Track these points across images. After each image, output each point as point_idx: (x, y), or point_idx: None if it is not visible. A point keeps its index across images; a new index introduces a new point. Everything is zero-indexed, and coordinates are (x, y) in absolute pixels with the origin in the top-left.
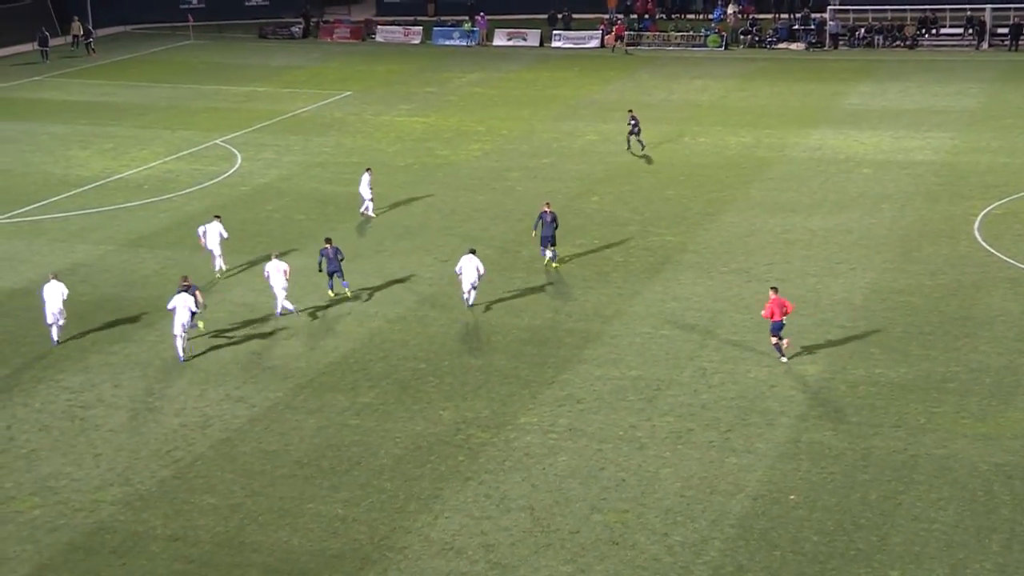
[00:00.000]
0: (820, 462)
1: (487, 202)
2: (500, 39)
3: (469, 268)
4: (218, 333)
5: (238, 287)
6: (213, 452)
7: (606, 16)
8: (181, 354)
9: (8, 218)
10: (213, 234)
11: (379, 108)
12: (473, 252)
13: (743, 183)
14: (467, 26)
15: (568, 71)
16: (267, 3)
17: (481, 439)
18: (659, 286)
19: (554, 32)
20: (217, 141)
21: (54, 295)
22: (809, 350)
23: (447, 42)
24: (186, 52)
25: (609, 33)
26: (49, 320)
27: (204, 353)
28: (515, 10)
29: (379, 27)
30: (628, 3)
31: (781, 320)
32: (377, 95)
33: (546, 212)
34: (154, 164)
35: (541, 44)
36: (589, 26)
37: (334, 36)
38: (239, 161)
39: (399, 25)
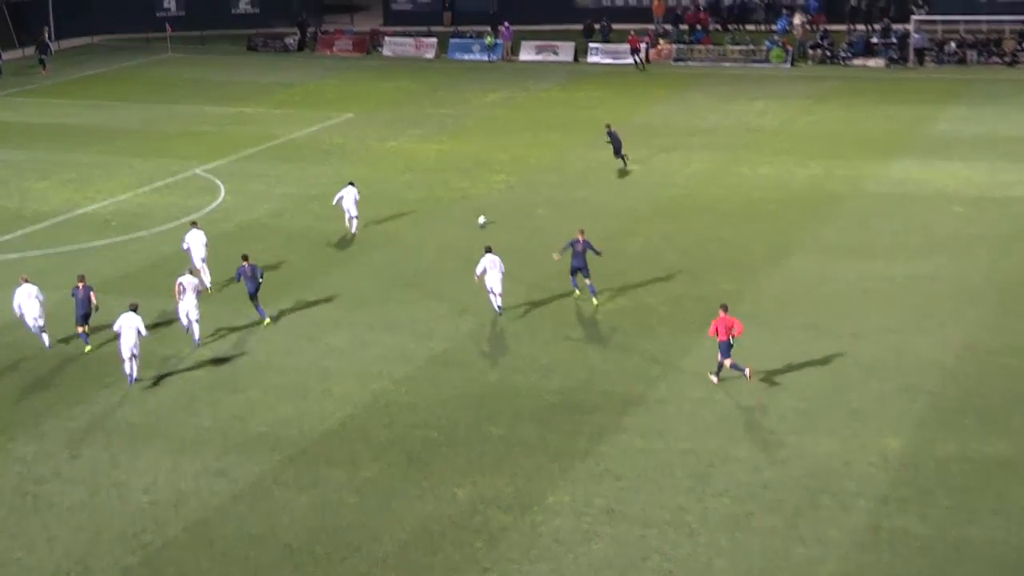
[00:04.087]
0: (904, 553)
1: (511, 243)
2: (527, 53)
3: (493, 270)
4: (193, 396)
5: (218, 339)
6: (187, 535)
7: (651, 27)
8: (132, 376)
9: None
10: (197, 246)
11: (386, 132)
12: (490, 250)
13: (812, 222)
14: (488, 39)
15: (606, 90)
16: (257, 11)
17: (502, 522)
18: (713, 342)
19: (590, 45)
20: (197, 171)
21: (29, 301)
22: (891, 420)
23: (466, 56)
24: (163, 67)
25: (653, 46)
26: (32, 327)
27: (175, 416)
28: (545, 19)
29: (386, 39)
30: (678, 12)
31: (728, 340)
32: (383, 117)
33: (579, 240)
34: (123, 197)
35: (575, 59)
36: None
37: (334, 49)
38: (222, 194)
39: (410, 36)
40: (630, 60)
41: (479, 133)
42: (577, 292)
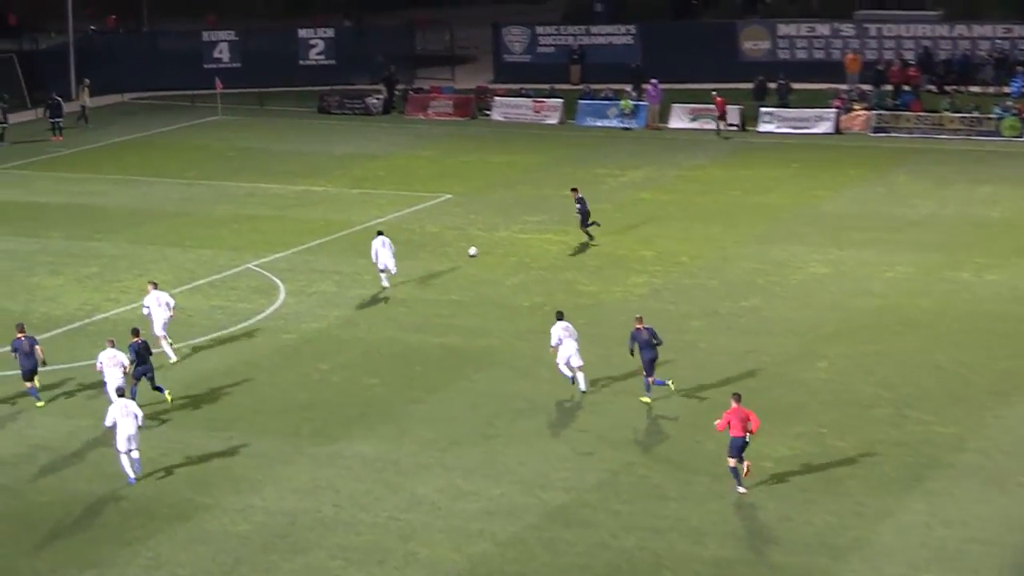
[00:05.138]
0: None
1: (655, 367)
2: (679, 119)
3: (569, 340)
4: (238, 558)
5: (270, 481)
6: None
7: (844, 87)
8: (131, 474)
9: None
10: (159, 311)
11: (494, 219)
12: (562, 316)
13: None
14: (625, 101)
15: (783, 168)
16: (332, 62)
17: None
18: (921, 502)
19: (762, 110)
20: (251, 265)
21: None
22: None
23: (599, 122)
24: (210, 132)
25: (847, 112)
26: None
27: None
28: (703, 76)
29: (497, 99)
30: (879, 67)
31: (743, 437)
32: (491, 200)
33: (640, 330)
34: None
35: (742, 127)
36: (816, 100)
37: (430, 112)
38: (282, 296)
39: (527, 97)
40: (815, 129)
41: (615, 222)
42: (647, 399)
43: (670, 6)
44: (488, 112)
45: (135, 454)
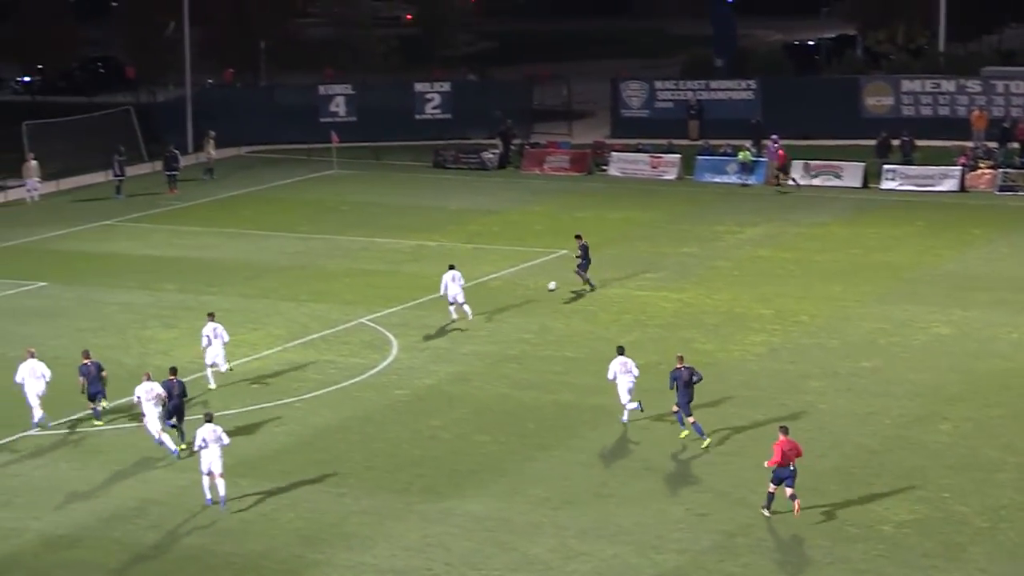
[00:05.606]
0: None
1: (772, 425)
2: (799, 175)
3: (625, 375)
4: None
5: (378, 538)
6: None
7: (969, 145)
8: (208, 495)
9: (52, 429)
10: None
11: (609, 276)
12: (623, 351)
13: None
14: (744, 154)
15: (906, 226)
16: (448, 116)
17: None
18: None
19: (885, 167)
20: (364, 320)
21: (34, 377)
22: None
23: (718, 179)
24: (325, 186)
25: (972, 170)
26: (33, 403)
27: None
28: (824, 132)
29: (614, 154)
30: (1005, 125)
31: (788, 466)
32: (608, 256)
33: (680, 369)
34: (269, 352)
35: (864, 184)
36: (940, 158)
37: (545, 167)
38: (394, 351)
39: (644, 152)
40: (939, 187)
41: (733, 280)
42: (685, 433)
43: (792, 61)
44: (605, 167)
45: (220, 480)
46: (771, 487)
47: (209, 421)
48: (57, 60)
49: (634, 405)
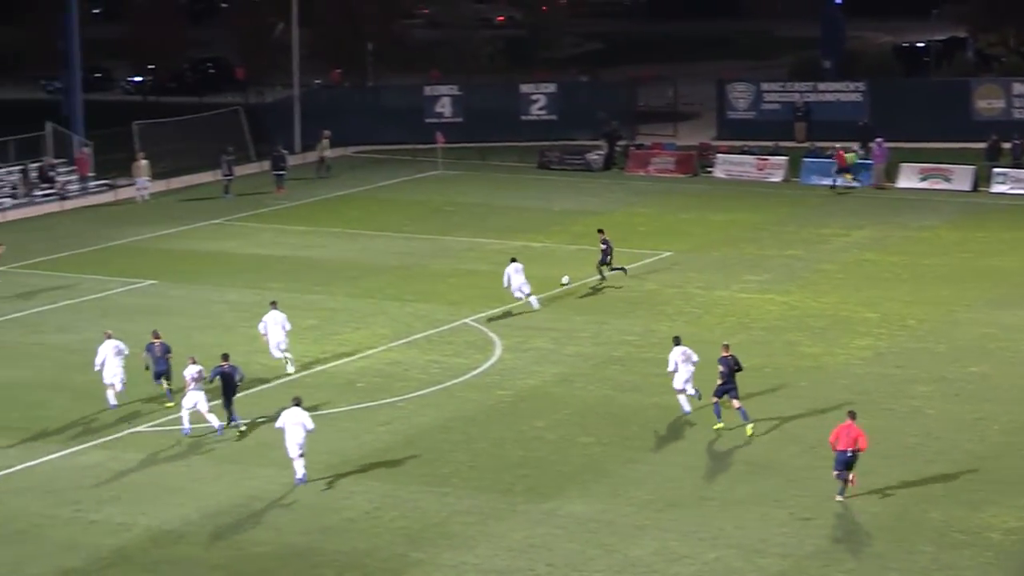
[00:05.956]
0: None
1: (879, 432)
2: (908, 179)
3: (686, 364)
4: None
5: (485, 538)
6: None
7: None
8: (299, 474)
9: (154, 425)
10: (276, 330)
11: (713, 278)
12: (679, 341)
13: None
14: (851, 155)
15: (1017, 231)
16: (554, 117)
17: None
18: None
19: (995, 170)
20: (467, 320)
21: (111, 358)
22: None
23: (824, 181)
24: (430, 187)
25: None
26: (108, 380)
27: None
28: (933, 135)
29: (719, 156)
30: None
31: (847, 451)
32: (711, 259)
33: (727, 357)
34: (373, 352)
35: (974, 188)
36: None
37: (650, 168)
38: (498, 351)
39: (750, 154)
40: None
41: (839, 283)
42: (720, 424)
43: (901, 63)
44: (710, 169)
45: (302, 460)
46: (834, 473)
47: (297, 405)
48: (168, 61)
49: (692, 392)
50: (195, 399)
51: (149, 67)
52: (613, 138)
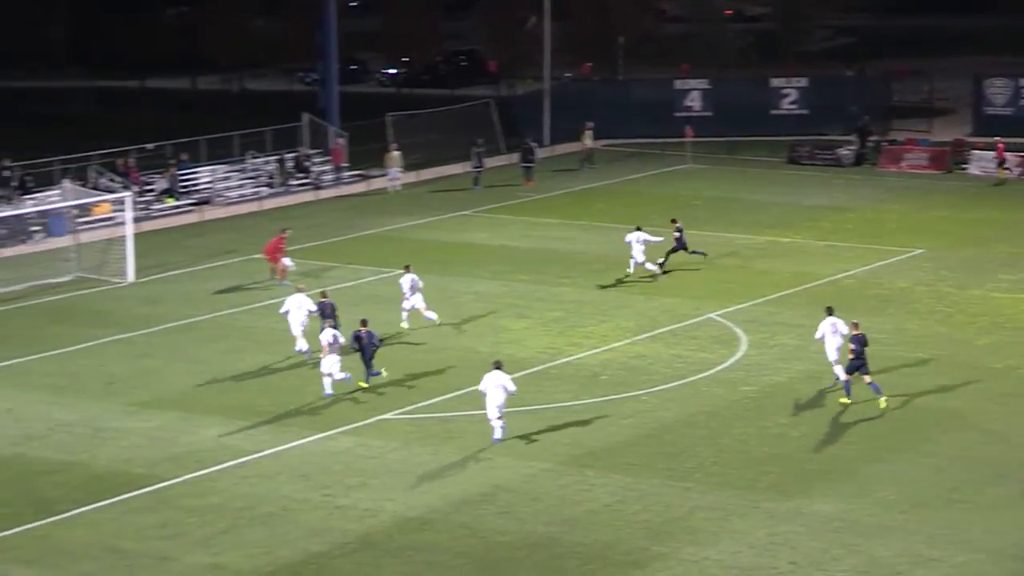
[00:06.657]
0: None
1: None
2: None
3: (834, 336)
4: None
5: (726, 537)
6: None
7: None
8: (498, 436)
9: (401, 413)
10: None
11: (966, 277)
12: (831, 311)
13: None
14: None
15: None
16: (805, 111)
17: None
18: None
19: None
20: (712, 315)
21: (298, 309)
22: None
23: None
24: (678, 180)
25: None
26: (296, 333)
27: None
28: None
29: (975, 153)
30: None
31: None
32: (964, 257)
33: (859, 335)
34: (617, 344)
35: None
36: None
37: (903, 164)
38: (743, 347)
39: (1009, 152)
40: None
41: None
42: (848, 400)
43: None
44: (965, 166)
45: (501, 422)
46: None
47: (498, 368)
48: (422, 53)
49: (839, 369)
50: (331, 363)
51: (403, 59)
52: (865, 133)
